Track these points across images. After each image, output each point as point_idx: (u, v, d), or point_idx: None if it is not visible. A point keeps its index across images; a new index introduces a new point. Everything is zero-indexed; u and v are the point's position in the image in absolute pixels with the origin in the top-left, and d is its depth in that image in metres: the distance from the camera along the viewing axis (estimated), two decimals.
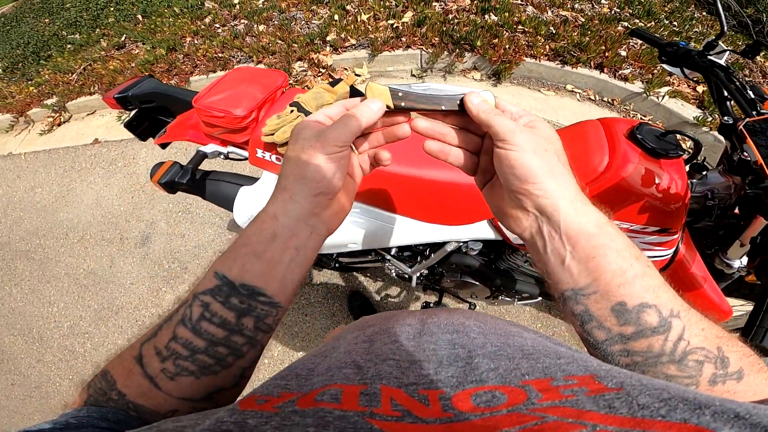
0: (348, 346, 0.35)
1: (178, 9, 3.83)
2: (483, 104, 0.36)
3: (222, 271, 0.33)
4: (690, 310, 0.31)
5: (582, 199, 0.34)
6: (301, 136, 0.35)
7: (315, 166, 0.34)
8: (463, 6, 2.94)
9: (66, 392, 1.93)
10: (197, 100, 0.96)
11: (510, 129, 0.33)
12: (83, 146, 2.89)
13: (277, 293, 0.34)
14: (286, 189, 0.35)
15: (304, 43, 2.81)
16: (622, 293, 0.31)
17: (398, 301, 1.89)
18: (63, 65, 3.55)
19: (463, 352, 0.31)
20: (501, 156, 0.34)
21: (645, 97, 2.39)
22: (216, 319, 0.32)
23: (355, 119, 0.35)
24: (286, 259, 0.34)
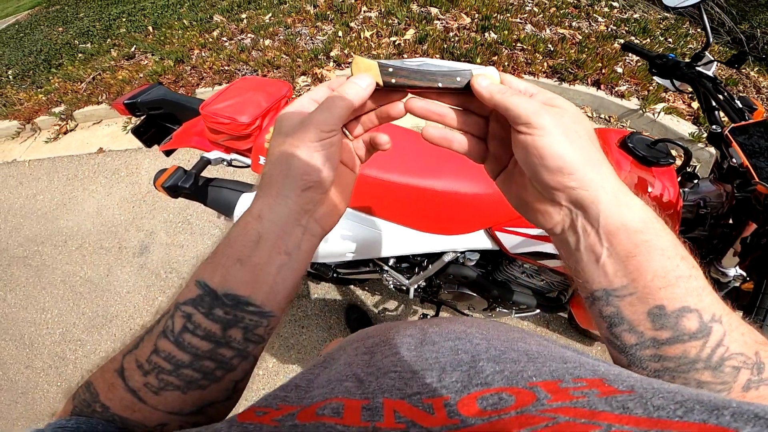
0: (348, 358, 0.34)
1: (188, 22, 3.94)
2: (494, 85, 0.31)
3: (203, 278, 0.30)
4: (732, 314, 0.28)
5: (624, 189, 0.29)
6: (283, 127, 0.31)
7: (300, 157, 0.30)
8: (463, 24, 3.03)
9: (53, 398, 1.90)
10: (204, 107, 0.99)
11: (533, 110, 0.28)
12: (87, 155, 2.92)
13: (267, 302, 0.31)
14: (271, 185, 0.31)
15: (308, 59, 2.88)
16: (662, 296, 0.27)
17: (396, 314, 1.88)
18: (73, 74, 3.62)
19: (467, 357, 0.30)
20: (526, 143, 0.29)
21: (641, 113, 2.44)
22: (200, 332, 0.29)
23: (341, 99, 0.30)
24: (275, 265, 0.31)
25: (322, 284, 1.99)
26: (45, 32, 5.52)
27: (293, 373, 1.79)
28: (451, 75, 0.32)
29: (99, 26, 4.86)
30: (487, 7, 3.12)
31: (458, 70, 0.32)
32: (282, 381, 1.82)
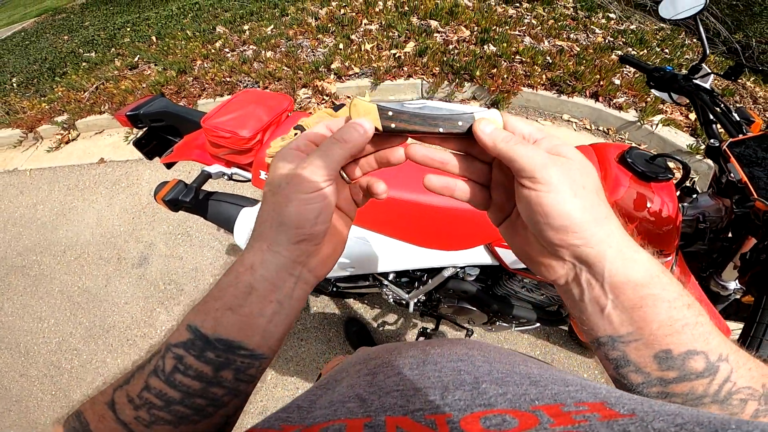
0: (351, 380, 0.34)
1: (191, 32, 3.98)
2: (498, 132, 0.29)
3: (194, 323, 0.30)
4: (739, 351, 0.29)
5: (631, 245, 0.29)
6: (278, 170, 0.30)
7: (293, 208, 0.29)
8: (463, 37, 3.07)
9: (47, 407, 1.88)
10: (205, 120, 0.99)
11: (540, 162, 0.27)
12: (88, 165, 2.94)
13: (260, 346, 0.30)
14: (263, 237, 0.30)
15: (309, 71, 2.91)
16: (669, 342, 0.27)
17: (395, 328, 1.86)
18: (77, 83, 3.65)
19: (470, 377, 0.29)
20: (530, 199, 0.28)
21: (639, 125, 2.45)
22: (191, 372, 0.29)
23: (338, 146, 0.29)
24: (268, 313, 0.30)
25: (322, 297, 1.98)
26: (50, 40, 5.58)
27: (292, 386, 1.77)
28: (452, 119, 0.31)
29: (104, 35, 4.92)
30: (486, 20, 3.16)
31: (460, 114, 0.31)
32: (281, 393, 1.80)
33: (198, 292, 2.12)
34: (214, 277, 2.16)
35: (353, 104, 0.31)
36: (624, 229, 0.29)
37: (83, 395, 1.39)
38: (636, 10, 3.73)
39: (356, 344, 1.79)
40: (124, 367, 1.20)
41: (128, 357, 1.97)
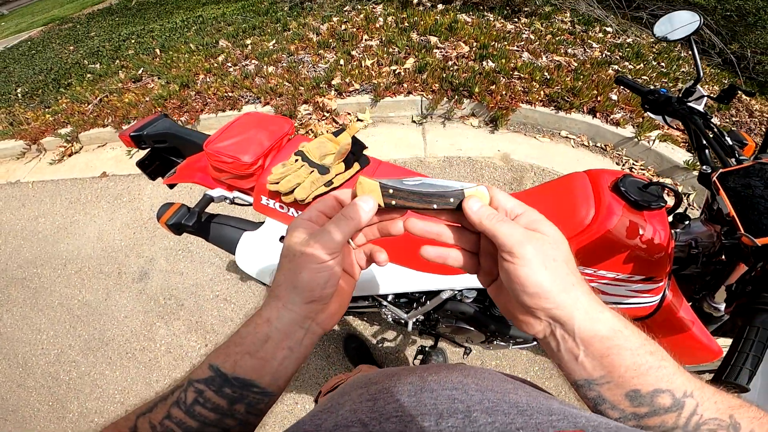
0: (353, 405, 0.37)
1: (194, 46, 4.03)
2: (484, 210, 0.34)
3: (216, 363, 0.35)
4: (704, 387, 0.33)
5: (595, 306, 0.34)
6: (293, 240, 0.36)
7: (306, 275, 0.34)
8: (462, 53, 3.11)
9: (44, 418, 1.88)
10: (208, 144, 1.00)
11: (517, 240, 0.32)
12: (91, 179, 2.96)
13: (270, 385, 0.36)
14: (279, 297, 0.36)
15: (310, 87, 2.94)
16: (636, 383, 0.32)
17: (395, 345, 1.87)
18: (81, 95, 3.68)
19: (462, 406, 0.32)
20: (509, 271, 0.33)
21: (636, 141, 2.47)
22: (209, 405, 0.34)
23: (345, 223, 0.35)
24: (279, 358, 0.36)
25: None
26: (56, 50, 5.63)
27: (291, 400, 1.77)
28: (445, 196, 0.36)
29: (109, 47, 4.97)
30: (484, 36, 3.21)
31: (452, 191, 0.36)
32: (280, 408, 1.80)
33: (198, 307, 2.13)
34: (214, 293, 2.17)
35: (359, 182, 0.36)
36: (591, 293, 0.34)
37: (80, 406, 1.40)
38: (632, 23, 3.79)
39: (356, 361, 1.79)
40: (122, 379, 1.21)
41: (126, 370, 1.97)
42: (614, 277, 0.86)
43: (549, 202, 0.95)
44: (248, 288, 2.14)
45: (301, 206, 0.95)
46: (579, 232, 0.85)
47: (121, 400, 1.89)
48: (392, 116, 2.87)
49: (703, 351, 0.89)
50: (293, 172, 0.91)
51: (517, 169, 2.50)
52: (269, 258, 1.00)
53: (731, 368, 0.58)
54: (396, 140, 2.74)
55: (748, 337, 0.61)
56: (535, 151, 2.59)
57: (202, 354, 1.96)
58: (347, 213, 0.35)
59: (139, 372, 1.96)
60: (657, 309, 0.89)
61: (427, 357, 1.54)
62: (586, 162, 2.50)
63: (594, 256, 0.85)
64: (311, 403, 1.72)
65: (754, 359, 0.58)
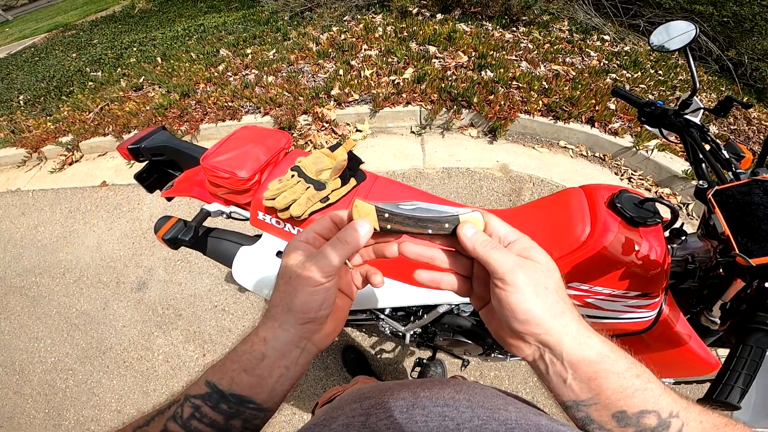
0: (346, 419, 0.37)
1: (195, 54, 4.06)
2: (477, 236, 0.35)
3: (213, 380, 0.36)
4: (690, 408, 0.34)
5: (584, 332, 0.34)
6: (290, 262, 0.36)
7: (301, 297, 0.35)
8: (460, 62, 3.13)
9: (39, 425, 1.88)
10: (205, 159, 1.00)
11: (509, 268, 0.33)
12: (91, 188, 2.97)
13: (266, 402, 0.37)
14: (275, 318, 0.37)
15: (310, 97, 2.95)
16: (622, 404, 0.33)
17: (393, 356, 1.86)
18: (82, 103, 3.69)
19: (452, 424, 0.33)
20: (500, 297, 0.33)
21: (635, 151, 2.47)
22: (206, 420, 0.35)
23: (340, 246, 0.35)
24: (276, 375, 0.36)
25: None
26: (59, 57, 5.65)
27: (289, 411, 1.76)
28: (440, 221, 0.36)
29: (111, 54, 5.00)
30: (483, 45, 3.23)
31: (447, 216, 0.36)
32: (278, 419, 1.78)
33: (196, 317, 2.12)
34: (212, 303, 2.16)
35: (355, 205, 0.36)
36: (580, 319, 0.35)
37: (77, 414, 1.39)
38: (629, 31, 3.82)
39: (354, 372, 1.78)
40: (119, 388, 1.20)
41: (124, 379, 1.96)
42: (610, 293, 0.86)
43: (545, 218, 0.95)
44: (246, 299, 2.14)
45: (298, 222, 0.95)
46: (574, 249, 0.85)
47: (118, 409, 1.88)
48: (391, 127, 2.88)
49: (700, 364, 0.89)
50: (289, 188, 0.91)
51: (516, 179, 2.50)
52: (266, 272, 1.00)
53: (723, 387, 0.59)
54: (395, 151, 2.75)
55: (741, 356, 0.61)
56: (534, 161, 2.59)
57: (200, 364, 1.95)
58: (343, 237, 0.35)
59: (136, 381, 1.95)
60: (654, 323, 0.89)
61: (425, 369, 1.53)
62: (584, 172, 2.50)
63: (589, 272, 0.85)
64: (309, 414, 1.71)
65: (746, 378, 0.58)
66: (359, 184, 1.00)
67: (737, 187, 0.76)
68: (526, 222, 0.96)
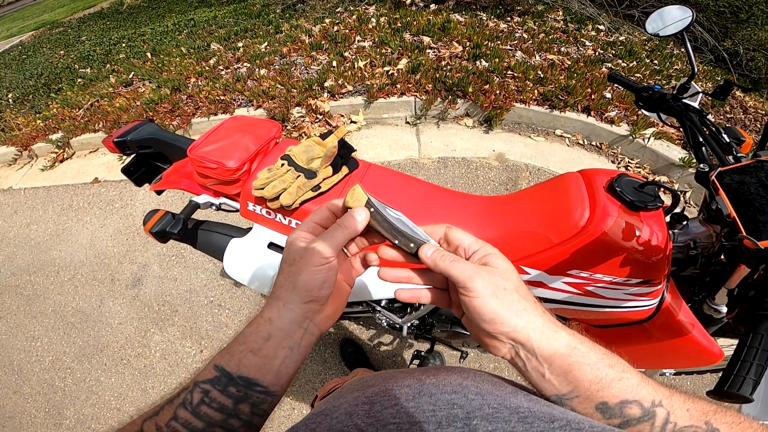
0: (349, 408, 0.36)
1: (185, 49, 4.00)
2: (436, 253, 0.38)
3: (221, 364, 0.37)
4: (673, 396, 0.34)
5: (550, 325, 0.36)
6: (293, 248, 0.39)
7: (304, 276, 0.37)
8: (455, 53, 3.10)
9: (41, 424, 1.88)
10: (192, 150, 0.98)
11: (468, 275, 0.36)
12: (83, 185, 2.93)
13: (273, 384, 0.38)
14: (280, 298, 0.39)
15: (303, 89, 2.91)
16: (602, 395, 0.34)
17: (391, 349, 1.85)
18: (72, 100, 3.65)
19: (462, 412, 0.32)
20: (465, 303, 0.36)
21: (631, 139, 2.46)
22: (215, 405, 0.35)
23: (340, 231, 0.39)
24: (281, 356, 0.38)
25: None
26: (47, 55, 5.59)
27: (288, 406, 1.76)
28: (409, 239, 0.39)
29: (99, 51, 4.94)
30: (477, 35, 3.19)
31: (416, 239, 0.39)
32: (278, 414, 1.78)
33: (192, 313, 2.11)
34: (208, 299, 2.15)
35: (353, 189, 0.40)
36: (544, 314, 0.37)
37: (77, 413, 1.38)
38: (624, 20, 3.79)
39: (352, 365, 1.77)
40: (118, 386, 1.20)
41: (122, 376, 1.96)
42: (611, 281, 0.83)
43: (543, 203, 0.93)
44: (242, 293, 2.12)
45: (288, 212, 0.93)
46: (573, 235, 0.83)
47: (117, 407, 1.87)
48: (386, 117, 2.85)
49: (703, 354, 0.87)
50: (279, 177, 0.89)
51: (512, 168, 2.48)
52: (258, 264, 0.98)
53: (734, 378, 0.55)
54: (390, 142, 2.72)
55: (752, 345, 0.57)
56: (530, 150, 2.57)
57: (198, 360, 1.95)
58: (343, 222, 0.39)
59: (134, 378, 1.94)
60: (655, 312, 0.87)
61: (423, 361, 1.52)
62: (581, 160, 2.49)
63: (589, 259, 0.82)
64: (308, 408, 1.70)
65: (757, 369, 0.55)
66: (351, 172, 0.97)
67: (741, 168, 0.73)
68: (524, 208, 0.94)
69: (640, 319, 0.88)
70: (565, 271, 0.85)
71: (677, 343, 0.87)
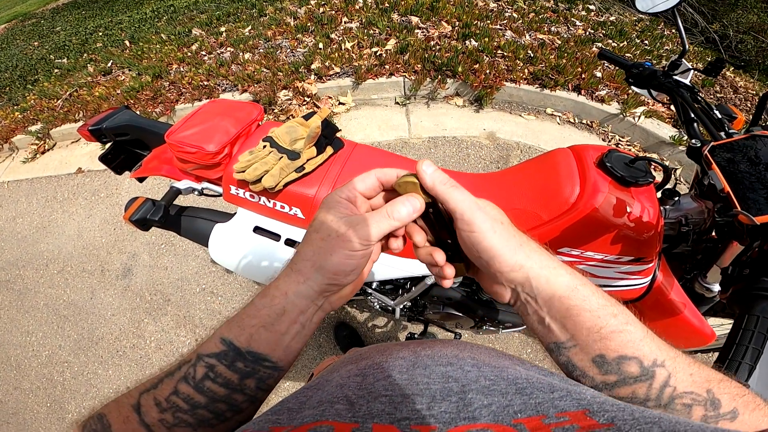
0: (341, 380, 0.35)
1: (166, 36, 3.88)
2: (437, 174, 0.35)
3: (229, 337, 0.35)
4: (677, 358, 0.32)
5: (548, 263, 0.34)
6: (328, 218, 0.35)
7: (336, 259, 0.34)
8: (444, 32, 3.03)
9: (44, 419, 1.89)
10: (170, 135, 0.95)
11: (467, 206, 0.33)
12: (66, 175, 2.86)
13: (281, 360, 0.36)
14: (301, 272, 0.35)
15: (289, 72, 2.84)
16: (600, 347, 0.32)
17: (385, 331, 1.86)
18: (49, 90, 3.54)
19: (457, 386, 0.30)
20: (464, 239, 0.34)
21: (622, 118, 2.46)
22: (220, 380, 0.33)
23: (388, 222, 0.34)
24: (293, 332, 0.36)
25: None
26: (21, 47, 5.42)
27: (284, 392, 1.76)
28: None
29: (75, 41, 4.78)
30: (467, 15, 3.12)
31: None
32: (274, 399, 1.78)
33: (184, 301, 2.09)
34: (200, 286, 2.13)
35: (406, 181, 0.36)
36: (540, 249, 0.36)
37: (78, 406, 1.38)
38: (615, 1, 3.73)
39: (346, 348, 1.78)
40: (116, 378, 1.19)
41: (119, 368, 1.95)
42: (602, 259, 0.82)
43: (532, 180, 0.91)
44: (234, 280, 2.11)
45: (272, 194, 0.90)
46: (564, 211, 0.81)
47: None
48: (375, 98, 2.80)
49: (695, 334, 0.86)
50: (261, 159, 0.86)
51: (503, 147, 2.47)
52: (243, 249, 0.96)
53: (729, 362, 0.54)
54: (379, 122, 2.68)
55: (747, 328, 0.56)
56: (521, 129, 2.56)
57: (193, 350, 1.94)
58: (393, 212, 0.35)
59: (131, 370, 1.94)
60: (647, 291, 0.86)
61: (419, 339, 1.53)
62: (572, 139, 2.48)
63: (580, 236, 0.81)
64: None
65: (753, 352, 0.53)
66: (336, 152, 0.95)
67: (734, 143, 0.72)
68: (514, 185, 0.92)
69: (632, 298, 0.88)
70: (555, 249, 0.84)
71: (668, 323, 0.86)
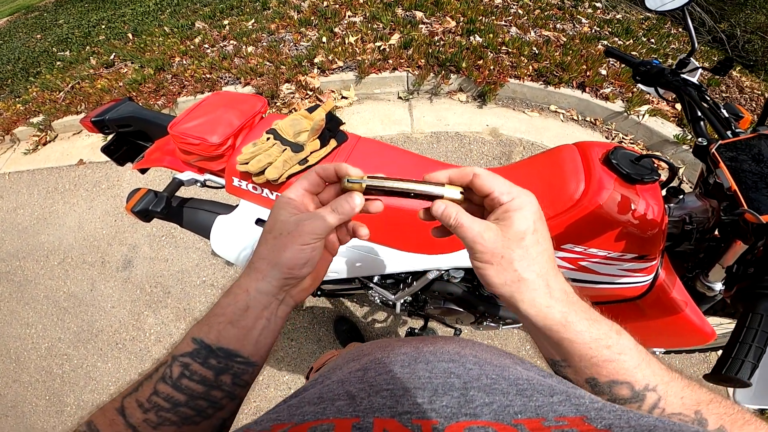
0: (342, 376, 0.35)
1: (169, 28, 3.86)
2: (448, 209, 0.36)
3: (199, 336, 0.36)
4: (671, 382, 0.33)
5: (542, 300, 0.34)
6: (280, 220, 0.37)
7: (288, 254, 0.36)
8: (448, 28, 3.01)
9: (42, 412, 1.89)
10: (173, 126, 0.94)
11: (471, 236, 0.34)
12: (67, 167, 2.85)
13: (252, 354, 0.37)
14: (259, 270, 0.37)
15: (292, 65, 2.83)
16: (591, 372, 0.34)
17: (385, 326, 1.86)
18: (51, 83, 3.53)
19: (459, 382, 0.31)
20: (473, 264, 0.36)
21: (626, 116, 2.44)
22: (196, 377, 0.35)
23: (334, 216, 0.37)
24: (259, 327, 0.37)
25: (311, 297, 1.97)
26: (23, 39, 5.40)
27: (284, 386, 1.77)
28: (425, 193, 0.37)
29: (78, 33, 4.76)
30: (472, 10, 3.10)
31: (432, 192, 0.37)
32: (273, 393, 1.80)
33: (185, 294, 2.09)
34: (200, 279, 2.13)
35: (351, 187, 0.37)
36: (537, 283, 0.35)
37: (77, 399, 1.38)
38: None
39: (346, 343, 1.78)
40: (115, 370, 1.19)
41: (118, 361, 1.96)
42: (605, 256, 0.82)
43: (537, 176, 0.91)
44: (235, 272, 2.11)
45: (275, 186, 0.90)
46: (568, 208, 0.81)
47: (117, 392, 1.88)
48: (378, 93, 2.79)
49: (695, 333, 0.86)
50: (264, 151, 0.86)
51: (506, 143, 2.46)
52: (245, 241, 0.96)
53: (732, 361, 0.53)
54: (382, 117, 2.67)
55: (751, 326, 0.55)
56: (524, 125, 2.55)
57: None
58: (337, 209, 0.37)
59: (131, 363, 1.94)
60: (649, 289, 0.86)
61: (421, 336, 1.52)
62: (575, 136, 2.47)
63: (584, 233, 0.81)
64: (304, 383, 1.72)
65: (756, 351, 0.53)
66: (340, 146, 0.94)
67: (741, 142, 0.72)
68: (518, 180, 0.91)
69: (634, 296, 0.87)
70: (559, 245, 0.84)
71: (669, 322, 0.86)
